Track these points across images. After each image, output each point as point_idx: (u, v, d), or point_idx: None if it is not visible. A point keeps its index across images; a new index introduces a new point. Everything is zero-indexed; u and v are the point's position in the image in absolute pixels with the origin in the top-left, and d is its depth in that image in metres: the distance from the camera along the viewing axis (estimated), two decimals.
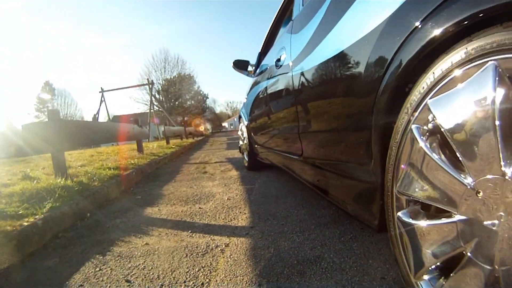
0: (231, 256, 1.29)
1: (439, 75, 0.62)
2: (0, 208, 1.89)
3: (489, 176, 0.51)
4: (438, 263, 0.66)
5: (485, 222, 0.52)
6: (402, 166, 0.73)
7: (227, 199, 2.34)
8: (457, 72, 0.58)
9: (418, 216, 0.71)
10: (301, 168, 1.68)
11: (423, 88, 0.66)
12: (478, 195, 0.53)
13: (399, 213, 0.75)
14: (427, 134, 0.66)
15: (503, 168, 0.48)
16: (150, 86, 21.57)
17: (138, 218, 2.02)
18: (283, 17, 2.42)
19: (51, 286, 1.20)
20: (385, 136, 0.80)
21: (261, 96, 2.51)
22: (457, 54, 0.58)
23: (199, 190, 2.79)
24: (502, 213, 0.49)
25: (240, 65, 3.08)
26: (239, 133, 4.18)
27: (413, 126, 0.68)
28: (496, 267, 0.50)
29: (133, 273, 1.23)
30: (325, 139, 1.25)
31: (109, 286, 1.14)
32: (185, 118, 35.37)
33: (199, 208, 2.16)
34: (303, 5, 1.60)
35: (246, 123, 3.47)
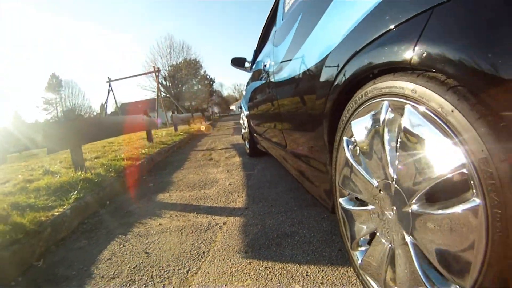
0: (227, 231, 1.62)
1: (357, 104, 0.87)
2: (32, 202, 2.21)
3: (384, 180, 0.77)
4: (363, 238, 0.95)
5: (385, 212, 0.79)
6: (339, 166, 1.01)
7: (228, 184, 2.66)
8: (366, 104, 0.83)
9: (352, 202, 1.00)
10: (286, 158, 1.96)
11: (348, 111, 0.92)
12: (381, 192, 0.80)
13: (340, 199, 1.03)
14: (353, 144, 0.93)
15: (392, 175, 0.73)
16: (157, 73, 21.82)
17: (151, 204, 2.36)
18: (274, 19, 2.62)
19: (84, 262, 1.54)
20: (330, 143, 1.07)
21: (255, 92, 2.76)
22: (367, 91, 0.82)
23: (205, 176, 3.11)
24: (394, 207, 0.75)
25: (238, 62, 3.31)
26: (241, 121, 4.45)
27: (344, 138, 0.95)
28: (393, 245, 0.77)
29: (150, 247, 1.56)
30: (299, 138, 1.53)
31: (132, 257, 1.48)
32: (193, 103, 35.61)
33: (204, 193, 2.48)
34: (282, 19, 1.84)
35: (245, 113, 3.74)
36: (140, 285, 1.22)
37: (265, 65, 2.13)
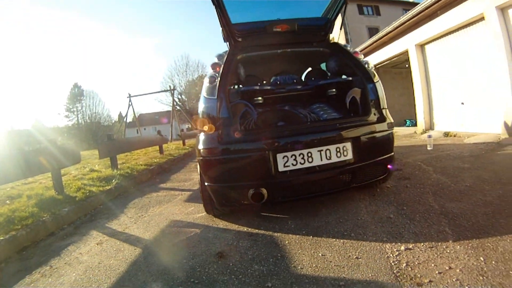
0: (184, 196, 3.78)
1: None
2: (93, 183, 4.49)
3: None
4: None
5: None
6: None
7: (197, 179, 4.81)
8: None
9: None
10: None
11: None
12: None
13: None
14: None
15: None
16: (172, 92, 24.60)
17: (156, 188, 4.56)
18: None
19: (122, 205, 3.73)
20: None
21: None
22: None
23: (188, 176, 5.29)
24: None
25: None
26: None
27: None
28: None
29: (151, 200, 3.74)
30: None
31: (143, 202, 3.65)
32: None
33: (183, 183, 4.66)
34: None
35: None
36: (143, 209, 3.40)
37: None
